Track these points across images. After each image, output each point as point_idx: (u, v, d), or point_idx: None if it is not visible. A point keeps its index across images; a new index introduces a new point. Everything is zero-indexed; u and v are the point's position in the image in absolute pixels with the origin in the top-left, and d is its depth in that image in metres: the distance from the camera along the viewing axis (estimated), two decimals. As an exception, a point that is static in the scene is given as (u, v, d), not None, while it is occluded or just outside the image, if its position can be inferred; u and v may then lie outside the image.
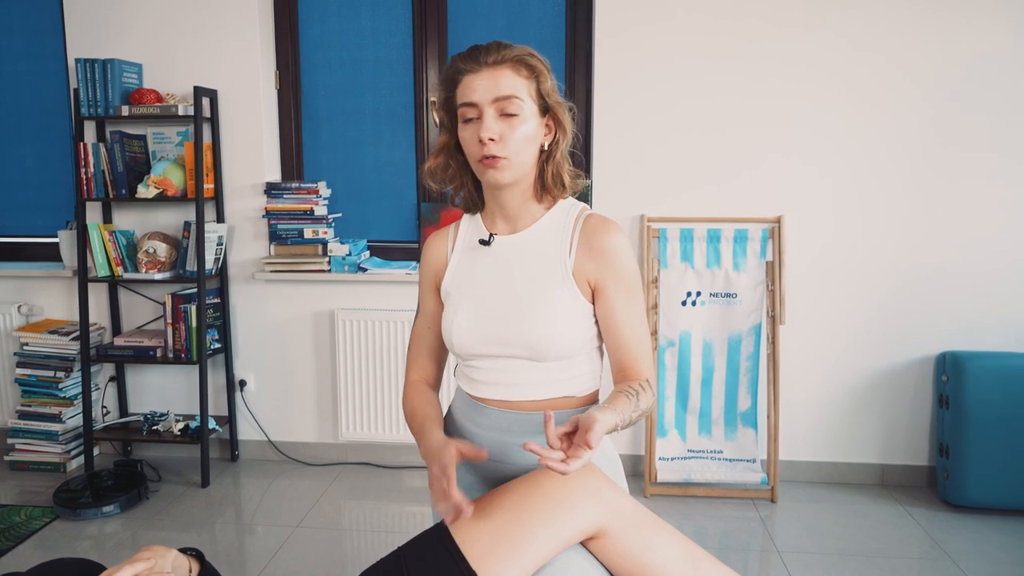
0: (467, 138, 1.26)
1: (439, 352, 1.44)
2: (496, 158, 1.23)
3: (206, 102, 2.84)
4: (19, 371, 2.97)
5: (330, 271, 2.92)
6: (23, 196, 3.21)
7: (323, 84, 3.04)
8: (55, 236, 3.08)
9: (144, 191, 2.79)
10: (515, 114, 1.23)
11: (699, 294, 2.76)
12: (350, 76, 3.02)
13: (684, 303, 2.76)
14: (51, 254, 3.17)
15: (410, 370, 1.45)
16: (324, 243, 2.92)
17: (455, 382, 1.44)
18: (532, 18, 2.92)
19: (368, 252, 3.06)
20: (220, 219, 2.97)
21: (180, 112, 2.77)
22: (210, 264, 2.88)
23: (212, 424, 2.92)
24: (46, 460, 2.98)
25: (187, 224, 2.87)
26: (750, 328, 2.74)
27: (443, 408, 1.40)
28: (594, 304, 1.30)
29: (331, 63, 3.02)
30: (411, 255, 3.08)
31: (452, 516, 1.13)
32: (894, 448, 2.84)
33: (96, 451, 3.10)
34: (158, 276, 2.83)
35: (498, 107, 1.23)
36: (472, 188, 1.38)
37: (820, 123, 2.70)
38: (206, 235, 2.81)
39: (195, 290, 2.84)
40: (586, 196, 2.79)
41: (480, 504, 1.18)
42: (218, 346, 2.98)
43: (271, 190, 2.91)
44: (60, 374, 2.94)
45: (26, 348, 2.98)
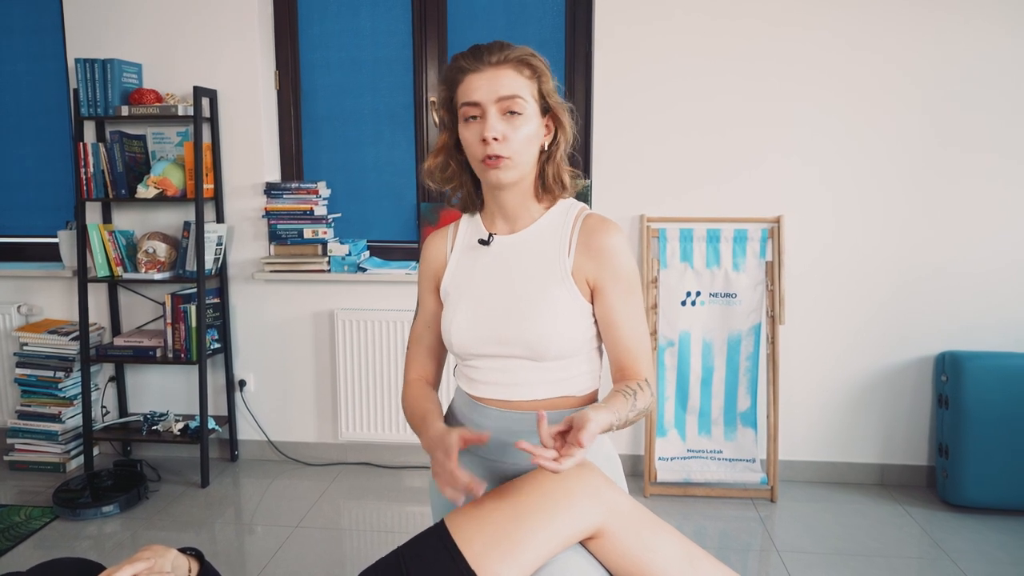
0: (469, 137, 1.25)
1: (438, 351, 1.44)
2: (500, 158, 1.23)
3: (206, 102, 2.84)
4: (19, 371, 2.97)
5: (330, 271, 2.92)
6: (23, 196, 3.22)
7: (323, 84, 3.04)
8: (55, 236, 3.08)
9: (144, 191, 2.79)
10: (519, 113, 1.24)
11: (699, 294, 2.76)
12: (350, 76, 3.02)
13: (684, 303, 2.76)
14: (51, 254, 3.17)
15: (409, 369, 1.45)
16: (324, 243, 2.93)
17: (454, 382, 1.44)
18: (532, 18, 2.92)
19: (368, 252, 3.06)
20: (220, 219, 2.97)
21: (180, 112, 2.77)
22: (210, 264, 2.88)
23: (212, 424, 2.93)
24: (46, 460, 2.98)
25: (187, 224, 2.87)
26: (750, 328, 2.74)
27: (442, 408, 1.40)
28: (593, 304, 1.30)
29: (331, 63, 3.02)
30: (411, 255, 3.08)
31: (463, 496, 1.12)
32: (893, 448, 2.84)
33: (96, 451, 3.10)
34: (158, 276, 2.83)
35: (502, 106, 1.23)
36: (471, 188, 1.38)
37: (820, 123, 2.71)
38: (206, 235, 2.81)
39: (195, 290, 2.84)
40: (586, 196, 2.80)
41: (479, 503, 1.18)
42: (218, 346, 2.98)
43: (271, 190, 2.91)
44: (60, 374, 2.94)
45: (26, 348, 2.98)
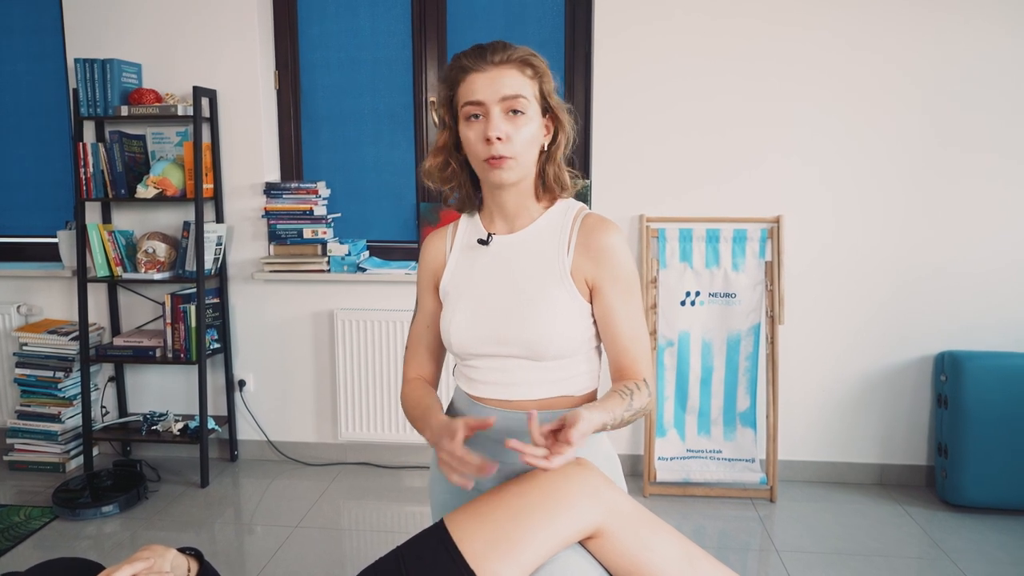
0: (471, 137, 1.25)
1: (437, 351, 1.44)
2: (503, 158, 1.23)
3: (205, 102, 2.84)
4: (18, 371, 2.97)
5: (329, 271, 2.92)
6: (22, 196, 3.21)
7: (322, 84, 3.04)
8: (54, 236, 3.08)
9: (143, 191, 2.79)
10: (522, 113, 1.24)
11: (698, 294, 2.76)
12: (349, 76, 3.02)
13: (683, 303, 2.76)
14: (50, 254, 3.17)
15: (408, 369, 1.45)
16: (323, 243, 2.92)
17: (453, 382, 1.44)
18: (531, 18, 2.92)
19: (367, 252, 3.06)
20: (219, 219, 2.97)
21: (179, 112, 2.77)
22: (209, 264, 2.88)
23: (211, 424, 2.92)
24: (45, 460, 2.98)
25: (186, 224, 2.87)
26: (749, 328, 2.74)
27: (442, 405, 1.39)
28: (592, 304, 1.30)
29: (330, 63, 3.02)
30: (410, 255, 3.08)
31: (472, 482, 1.13)
32: (893, 448, 2.84)
33: (95, 451, 3.10)
34: (157, 276, 2.83)
35: (505, 106, 1.23)
36: (470, 188, 1.38)
37: (820, 123, 2.71)
38: (205, 235, 2.81)
39: (194, 290, 2.84)
40: (585, 196, 2.80)
41: (478, 503, 1.18)
42: (217, 346, 2.98)
43: (270, 190, 2.91)
44: (59, 374, 2.94)
45: (25, 348, 2.98)
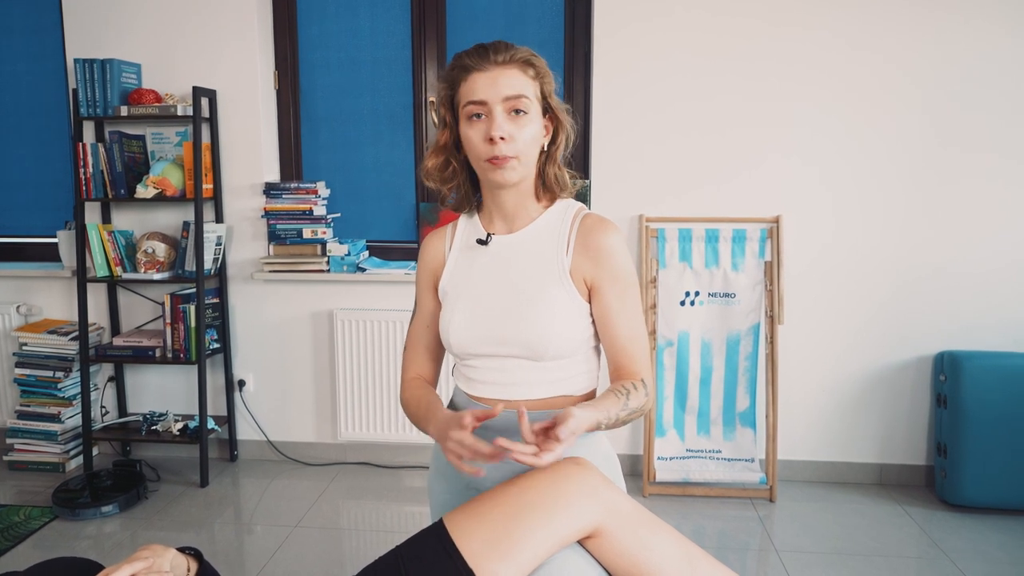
0: (473, 136, 1.25)
1: (437, 351, 1.44)
2: (507, 158, 1.23)
3: (205, 102, 2.84)
4: (18, 371, 2.97)
5: (329, 271, 2.92)
6: (22, 196, 3.21)
7: (322, 84, 3.04)
8: (54, 236, 3.08)
9: (143, 191, 2.79)
10: (524, 112, 1.24)
11: (697, 294, 2.76)
12: (349, 76, 3.02)
13: (683, 303, 2.76)
14: (50, 254, 3.17)
15: (407, 369, 1.45)
16: (323, 243, 2.92)
17: (452, 382, 1.44)
18: (531, 18, 2.92)
19: (367, 252, 3.06)
20: (219, 219, 2.97)
21: (179, 112, 2.77)
22: (209, 264, 2.88)
23: (211, 424, 2.93)
24: (45, 460, 2.98)
25: (186, 224, 2.87)
26: (748, 328, 2.74)
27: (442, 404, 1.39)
28: (590, 303, 1.31)
29: (330, 63, 3.02)
30: (410, 255, 3.08)
31: (483, 470, 1.14)
32: (892, 448, 2.84)
33: (95, 451, 3.10)
34: (157, 276, 2.83)
35: (508, 106, 1.23)
36: (469, 188, 1.38)
37: (820, 123, 2.70)
38: (205, 235, 2.81)
39: (194, 290, 2.84)
40: (585, 196, 2.80)
41: (477, 502, 1.18)
42: (217, 346, 2.98)
43: (270, 190, 2.91)
44: (59, 374, 2.94)
45: (25, 348, 2.98)
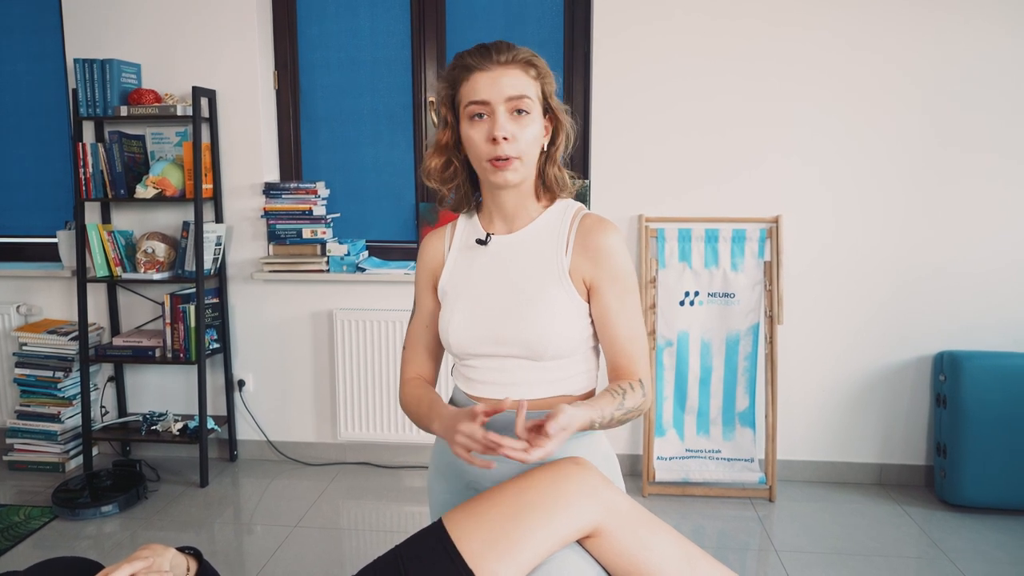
0: (475, 136, 1.25)
1: (436, 351, 1.44)
2: (509, 159, 1.23)
3: (205, 102, 2.85)
4: (18, 371, 2.97)
5: (328, 271, 2.92)
6: (22, 196, 3.21)
7: (321, 84, 3.04)
8: (54, 236, 3.08)
9: (143, 191, 2.79)
10: (527, 112, 1.24)
11: (697, 294, 2.76)
12: (348, 76, 3.02)
13: (682, 303, 2.76)
14: (50, 254, 3.17)
15: (407, 369, 1.45)
16: (323, 243, 2.93)
17: (451, 382, 1.44)
18: (531, 18, 2.92)
19: (366, 252, 3.06)
20: (219, 219, 2.97)
21: (179, 112, 2.77)
22: (209, 264, 2.88)
23: (211, 424, 2.93)
24: (45, 460, 2.98)
25: (186, 224, 2.87)
26: (748, 328, 2.74)
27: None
28: (589, 303, 1.31)
29: (329, 63, 3.02)
30: (409, 255, 3.08)
31: (495, 463, 1.14)
32: (892, 448, 2.84)
33: (95, 451, 3.10)
34: (157, 276, 2.83)
35: (510, 106, 1.23)
36: (469, 188, 1.38)
37: (820, 123, 2.71)
38: (205, 235, 2.81)
39: (194, 290, 2.84)
40: (585, 196, 2.80)
41: (476, 502, 1.18)
42: (217, 346, 2.99)
43: (270, 190, 2.91)
44: (59, 374, 2.94)
45: (25, 348, 2.98)
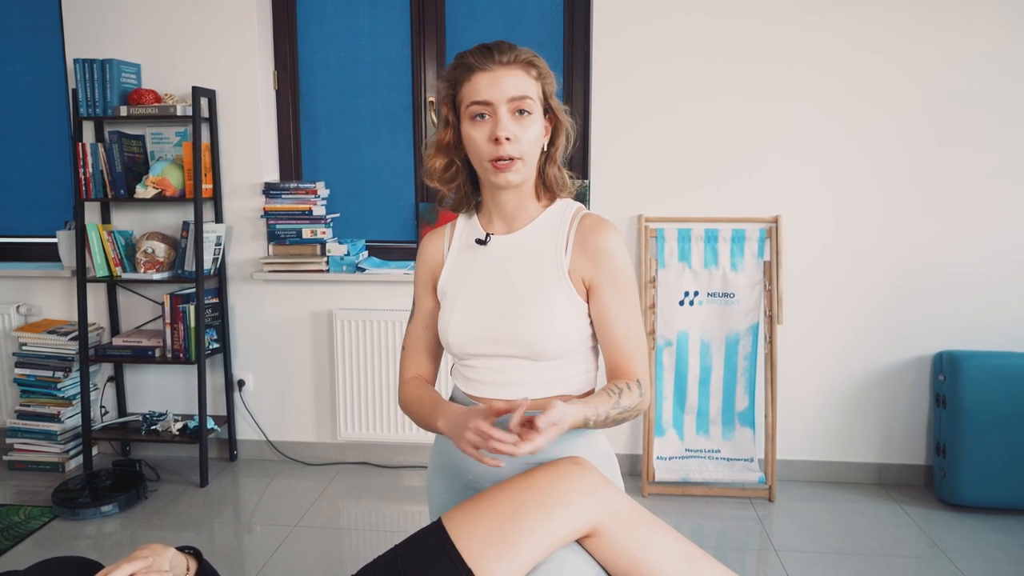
0: (476, 137, 1.25)
1: (435, 350, 1.44)
2: (512, 159, 1.24)
3: (204, 102, 2.85)
4: (18, 371, 2.97)
5: (328, 271, 2.92)
6: (22, 196, 3.22)
7: (321, 84, 3.04)
8: (54, 236, 3.08)
9: (142, 191, 2.79)
10: (529, 113, 1.24)
11: (696, 294, 2.76)
12: (348, 77, 3.03)
13: (682, 303, 2.76)
14: (50, 254, 3.17)
15: (406, 368, 1.45)
16: (322, 243, 2.93)
17: (450, 382, 1.44)
18: (530, 18, 2.92)
19: (366, 252, 3.06)
20: (219, 219, 2.97)
21: (178, 112, 2.77)
22: (208, 264, 2.88)
23: (211, 424, 2.93)
24: (45, 460, 2.99)
25: (185, 224, 2.88)
26: (748, 328, 2.74)
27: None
28: (588, 303, 1.31)
29: (329, 64, 3.02)
30: (409, 255, 3.08)
31: (503, 462, 1.13)
32: (891, 447, 2.84)
33: (95, 451, 3.10)
34: (156, 276, 2.83)
35: (512, 106, 1.23)
36: (469, 188, 1.38)
37: (820, 123, 2.71)
38: (204, 235, 2.81)
39: (193, 290, 2.84)
40: (584, 196, 2.80)
41: (476, 502, 1.19)
42: (216, 346, 2.99)
43: (269, 190, 2.91)
44: (59, 374, 2.94)
45: (25, 348, 2.98)
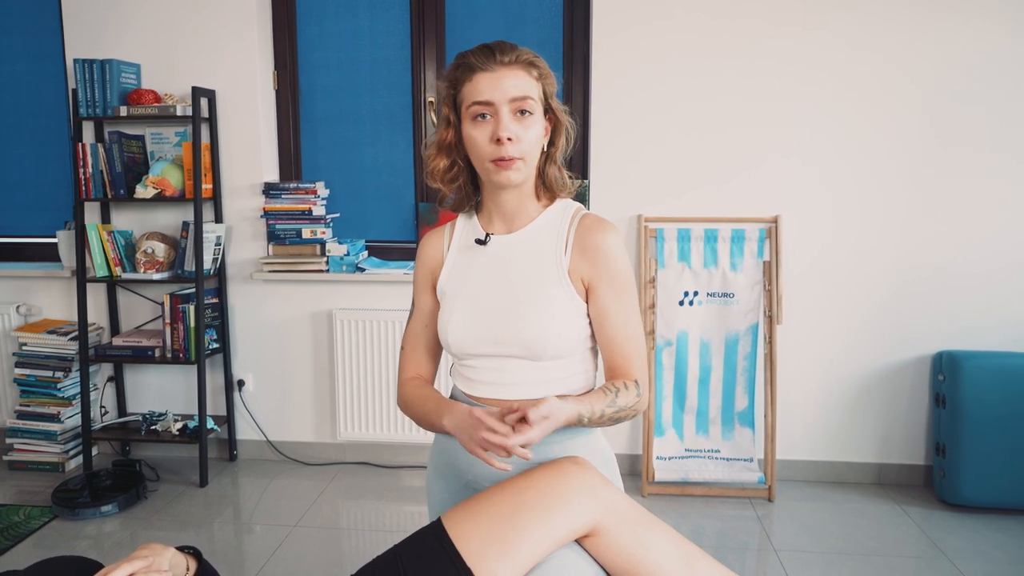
0: (477, 137, 1.25)
1: (435, 350, 1.44)
2: (513, 159, 1.24)
3: (204, 102, 2.85)
4: (18, 371, 2.97)
5: (328, 271, 2.92)
6: (22, 196, 3.22)
7: (321, 84, 3.04)
8: (54, 236, 3.08)
9: (142, 191, 2.79)
10: (530, 113, 1.25)
11: (696, 294, 2.76)
12: (348, 76, 3.03)
13: (681, 303, 2.76)
14: (50, 254, 3.17)
15: (405, 368, 1.44)
16: (322, 243, 2.93)
17: (450, 382, 1.44)
18: (530, 18, 2.92)
19: (366, 252, 3.06)
20: (218, 219, 2.97)
21: (178, 112, 2.77)
22: (208, 264, 2.88)
23: (210, 424, 2.93)
24: (45, 460, 2.99)
25: (185, 224, 2.88)
26: (747, 328, 2.74)
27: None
28: (588, 303, 1.31)
29: (329, 63, 3.02)
30: (409, 255, 3.08)
31: (510, 465, 1.14)
32: (891, 447, 2.84)
33: (95, 451, 3.10)
34: (156, 276, 2.83)
35: (514, 107, 1.23)
36: (470, 188, 1.38)
37: (820, 123, 2.71)
38: (204, 235, 2.81)
39: (193, 290, 2.84)
40: (584, 196, 2.80)
41: (475, 502, 1.19)
42: (216, 346, 2.99)
43: (269, 190, 2.91)
44: (59, 374, 2.94)
45: (25, 348, 2.98)
